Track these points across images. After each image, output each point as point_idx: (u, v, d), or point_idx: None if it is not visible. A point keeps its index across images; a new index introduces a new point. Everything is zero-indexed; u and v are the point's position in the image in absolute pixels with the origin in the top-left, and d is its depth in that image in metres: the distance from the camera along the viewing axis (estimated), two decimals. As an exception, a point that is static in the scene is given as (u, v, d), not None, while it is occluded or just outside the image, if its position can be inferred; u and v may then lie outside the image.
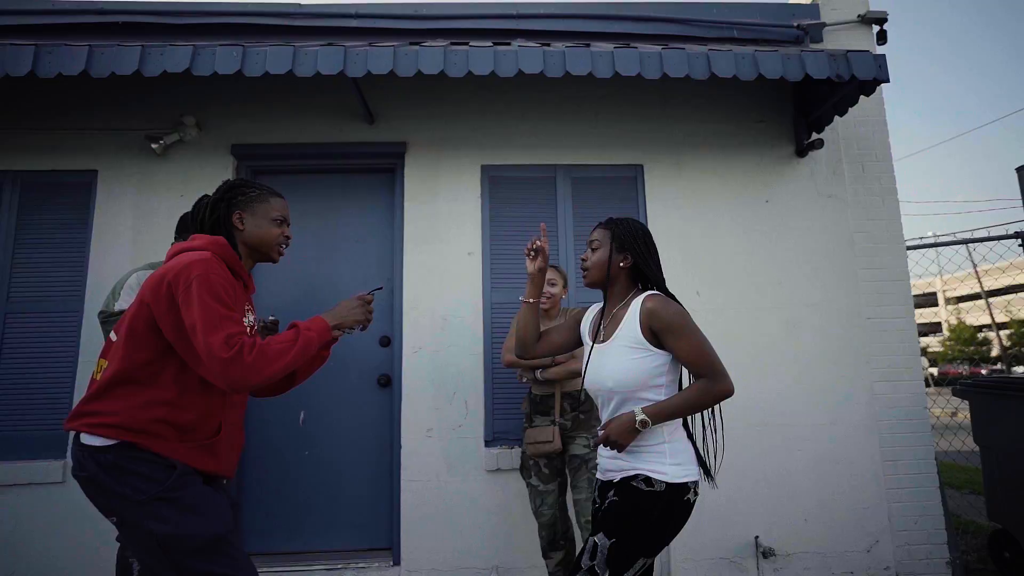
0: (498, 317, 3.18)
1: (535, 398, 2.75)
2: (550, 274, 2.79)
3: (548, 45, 2.85)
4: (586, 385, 1.78)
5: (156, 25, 3.22)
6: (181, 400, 1.50)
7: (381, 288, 1.98)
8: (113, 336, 1.58)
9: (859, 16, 3.54)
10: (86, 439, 1.46)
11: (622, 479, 1.64)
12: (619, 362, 1.67)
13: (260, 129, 3.31)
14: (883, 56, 2.85)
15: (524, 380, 2.76)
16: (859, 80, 2.81)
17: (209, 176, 3.21)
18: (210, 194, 1.72)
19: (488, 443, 3.06)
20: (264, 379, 1.46)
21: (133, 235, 3.16)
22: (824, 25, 3.48)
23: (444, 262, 3.19)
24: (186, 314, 1.44)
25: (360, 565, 2.94)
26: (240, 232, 1.66)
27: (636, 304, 1.70)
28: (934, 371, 25.05)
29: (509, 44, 2.87)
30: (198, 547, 1.43)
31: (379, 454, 3.13)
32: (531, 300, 1.90)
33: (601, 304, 1.88)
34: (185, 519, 1.44)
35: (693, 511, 1.63)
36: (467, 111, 3.36)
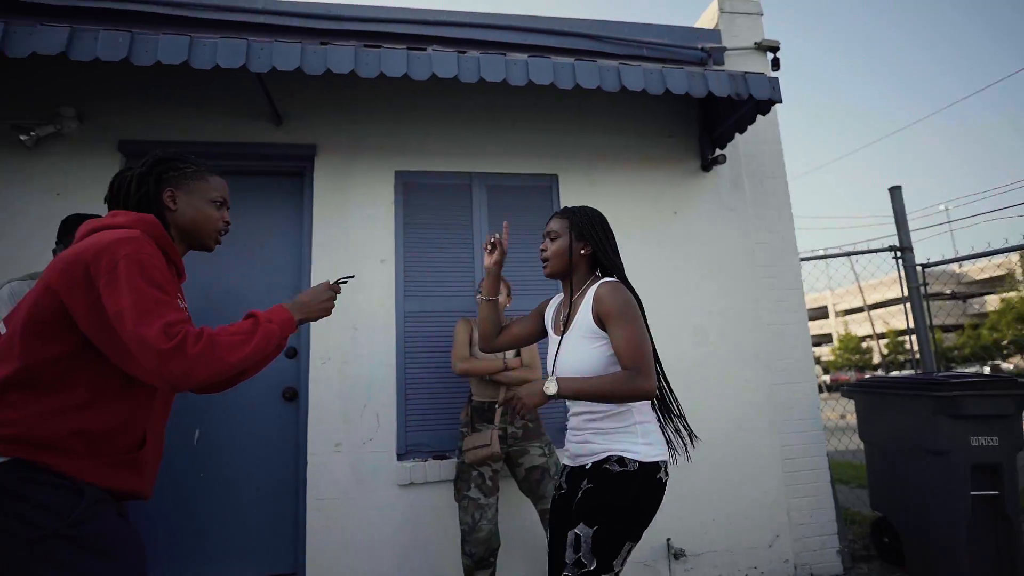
0: (412, 326, 3.09)
1: (479, 405, 2.70)
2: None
3: (464, 52, 2.84)
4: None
5: (33, 5, 2.91)
6: (97, 405, 1.24)
7: (353, 277, 1.78)
8: (2, 328, 1.30)
9: (755, 43, 3.80)
10: None
11: (594, 464, 1.62)
12: (576, 352, 1.68)
13: (154, 125, 3.06)
14: (776, 79, 3.06)
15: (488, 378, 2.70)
16: (756, 99, 3.01)
17: (92, 174, 2.93)
18: (134, 167, 1.45)
19: (401, 456, 2.95)
20: (212, 375, 1.22)
21: (-4, 237, 2.81)
22: (725, 49, 3.71)
23: (355, 269, 3.06)
24: (110, 299, 1.18)
25: (261, 594, 2.73)
26: (172, 213, 1.42)
27: (591, 291, 1.70)
28: (827, 378, 27.21)
29: (424, 49, 2.83)
30: None
31: (283, 472, 2.93)
32: (489, 298, 1.90)
33: (560, 296, 1.89)
34: (90, 565, 1.13)
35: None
36: (381, 116, 3.28)
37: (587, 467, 1.65)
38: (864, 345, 35.63)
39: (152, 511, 2.79)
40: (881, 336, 32.65)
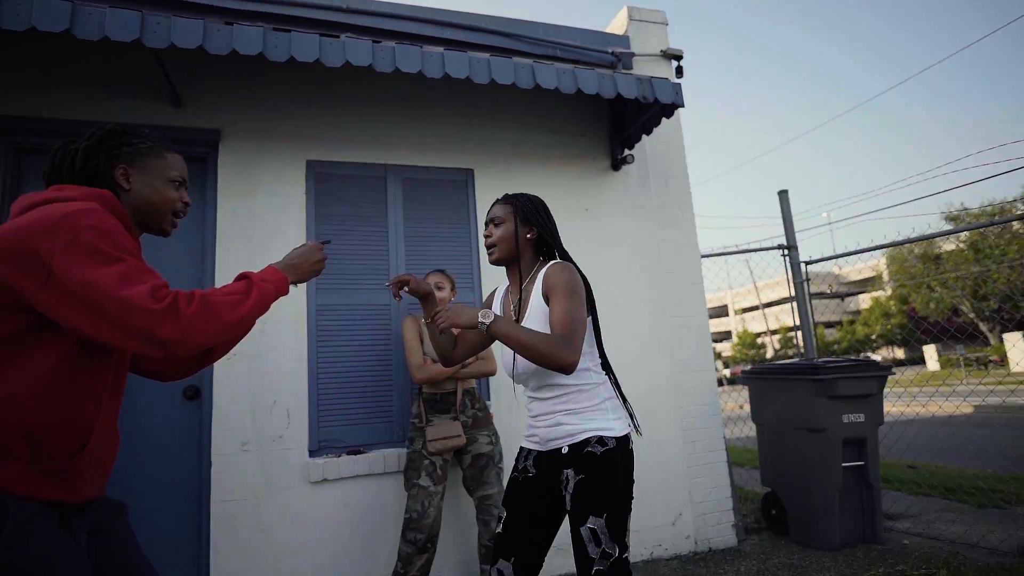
0: (324, 320, 3.01)
1: (432, 397, 2.73)
2: (436, 278, 2.84)
3: (378, 42, 2.80)
4: (513, 372, 1.74)
5: None
6: (37, 399, 1.09)
7: (330, 242, 1.68)
8: None
9: (661, 51, 4.03)
10: None
11: (572, 448, 1.61)
12: None
13: (33, 100, 2.78)
14: (679, 84, 3.27)
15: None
16: (661, 103, 3.19)
17: (-47, 152, 2.62)
18: (79, 139, 1.31)
19: (313, 453, 2.86)
20: (210, 337, 1.14)
21: None
22: (633, 55, 3.90)
23: (263, 262, 2.93)
24: (74, 273, 1.05)
25: (157, 606, 2.55)
26: (125, 193, 1.30)
27: (541, 273, 1.71)
28: (727, 372, 29.16)
29: (337, 36, 2.76)
30: None
31: (184, 476, 2.76)
32: (429, 320, 1.81)
33: (506, 284, 1.87)
34: None
35: None
36: (291, 103, 3.16)
37: (563, 451, 1.64)
38: (759, 341, 38.50)
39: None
40: (774, 332, 35.44)
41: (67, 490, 1.14)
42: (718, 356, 37.35)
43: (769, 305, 35.64)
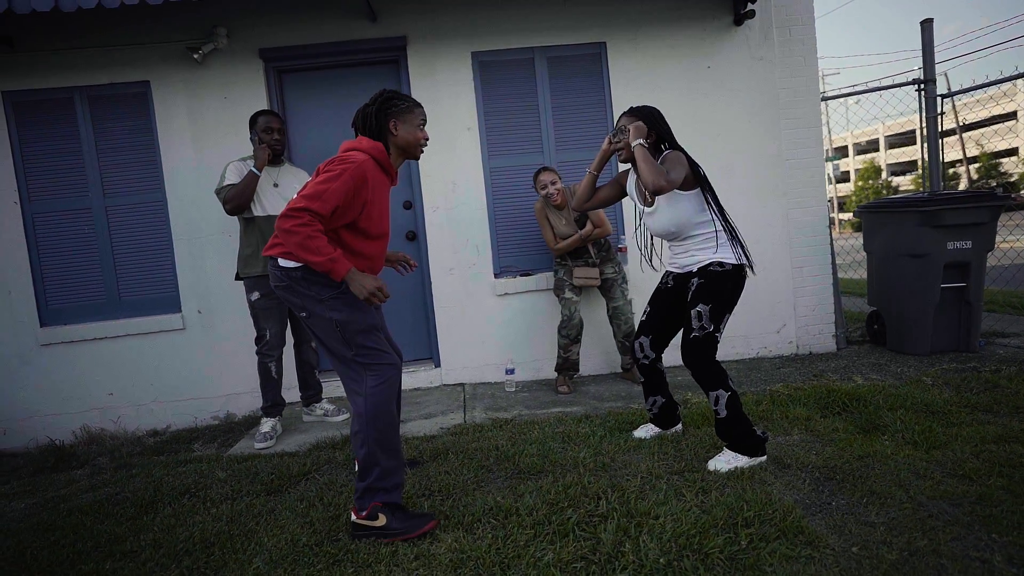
0: (496, 179, 4.03)
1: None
2: (550, 176, 3.65)
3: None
4: (655, 233, 2.54)
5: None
6: (345, 246, 1.98)
7: (384, 302, 2.08)
8: (294, 195, 2.01)
9: None
10: (282, 263, 1.97)
11: (700, 268, 2.42)
12: (671, 214, 2.42)
13: (279, 33, 3.87)
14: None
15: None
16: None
17: (245, 79, 3.85)
18: (370, 104, 2.07)
19: (497, 275, 4.07)
20: (290, 251, 1.88)
21: (191, 134, 3.86)
22: (762, -102, 3.93)
23: (449, 137, 3.95)
24: (316, 179, 1.93)
25: (410, 370, 4.06)
26: (394, 137, 2.06)
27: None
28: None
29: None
30: (361, 329, 1.97)
31: (415, 291, 4.14)
32: (595, 172, 2.62)
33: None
34: (353, 306, 1.96)
35: None
36: (454, 5, 3.88)
37: (694, 271, 2.43)
38: (951, 172, 33.40)
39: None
40: (972, 160, 30.43)
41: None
42: (895, 189, 33.37)
43: (969, 128, 30.25)
